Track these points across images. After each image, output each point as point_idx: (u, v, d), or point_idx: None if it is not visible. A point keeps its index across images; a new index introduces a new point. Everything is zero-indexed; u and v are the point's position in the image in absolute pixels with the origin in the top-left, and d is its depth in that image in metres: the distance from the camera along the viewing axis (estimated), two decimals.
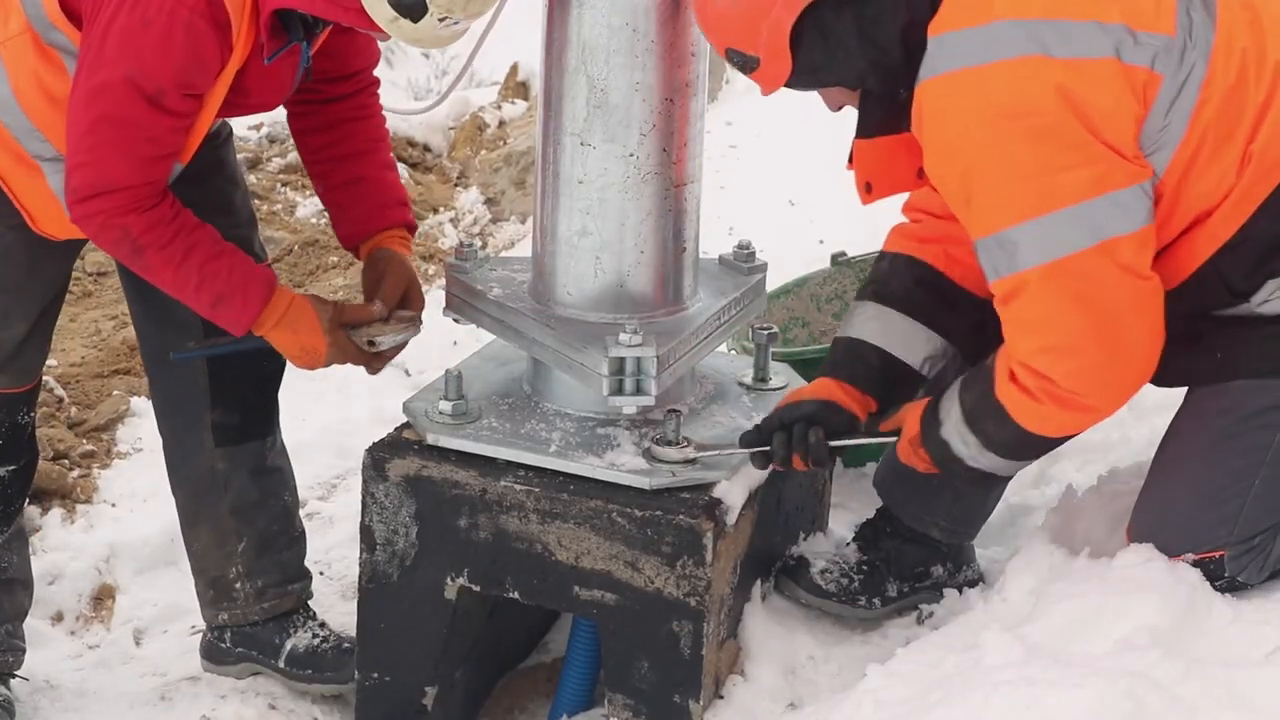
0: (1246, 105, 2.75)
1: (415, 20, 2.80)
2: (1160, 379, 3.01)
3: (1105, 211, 2.70)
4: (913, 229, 3.18)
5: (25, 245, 3.12)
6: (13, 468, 3.31)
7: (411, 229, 3.40)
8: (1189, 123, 2.73)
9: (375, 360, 3.23)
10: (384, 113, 3.43)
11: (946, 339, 3.12)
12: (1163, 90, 2.71)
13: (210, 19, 2.86)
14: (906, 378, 3.11)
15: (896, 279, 3.14)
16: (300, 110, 3.34)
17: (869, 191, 2.99)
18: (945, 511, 3.33)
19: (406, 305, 3.27)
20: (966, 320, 3.08)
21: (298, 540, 3.57)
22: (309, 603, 3.59)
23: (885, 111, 2.88)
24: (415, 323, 3.24)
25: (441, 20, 2.80)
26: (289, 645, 3.51)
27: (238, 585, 3.49)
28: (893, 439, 3.09)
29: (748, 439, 3.07)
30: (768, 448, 3.03)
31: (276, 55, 2.98)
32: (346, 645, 3.47)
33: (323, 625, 3.55)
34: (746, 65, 2.84)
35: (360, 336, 3.19)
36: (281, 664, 3.51)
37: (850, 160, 2.97)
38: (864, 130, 2.93)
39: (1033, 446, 2.92)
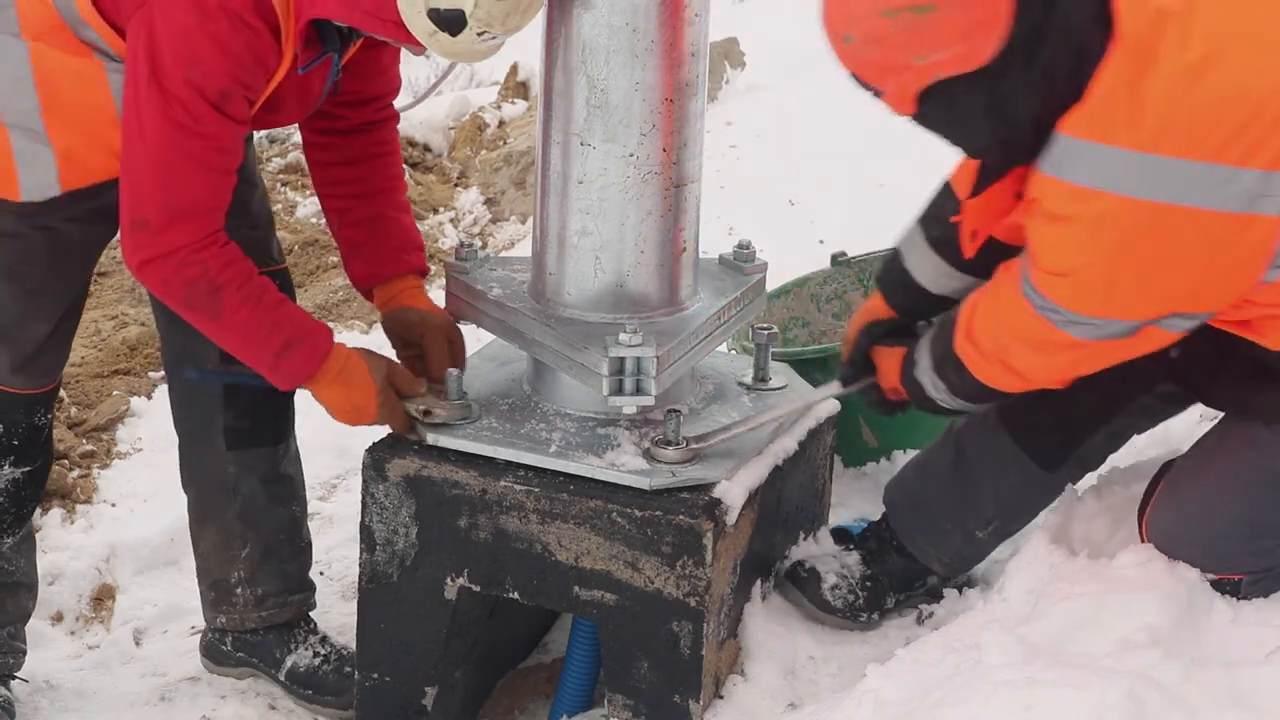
0: None
1: (454, 34, 2.77)
2: (1213, 400, 3.01)
3: (1166, 321, 2.71)
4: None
5: (47, 245, 3.11)
6: (28, 469, 3.30)
7: (425, 274, 3.37)
8: None
9: (410, 425, 3.16)
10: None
11: None
12: None
13: (262, 18, 2.83)
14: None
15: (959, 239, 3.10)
16: (321, 141, 3.31)
17: (973, 239, 3.03)
18: (953, 553, 3.34)
19: (453, 360, 3.25)
20: None
21: (303, 551, 3.55)
22: (310, 615, 3.58)
23: (999, 172, 2.86)
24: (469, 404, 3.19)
25: (480, 35, 2.78)
26: (289, 661, 3.50)
27: (238, 590, 3.49)
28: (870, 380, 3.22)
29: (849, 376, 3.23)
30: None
31: (311, 65, 2.95)
32: (348, 669, 3.45)
33: (324, 641, 3.54)
34: (869, 89, 2.74)
35: (415, 406, 3.14)
36: (282, 677, 3.51)
37: (957, 214, 3.00)
38: (978, 190, 2.93)
39: (993, 396, 2.98)
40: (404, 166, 3.43)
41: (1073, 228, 2.65)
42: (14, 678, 3.47)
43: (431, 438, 3.12)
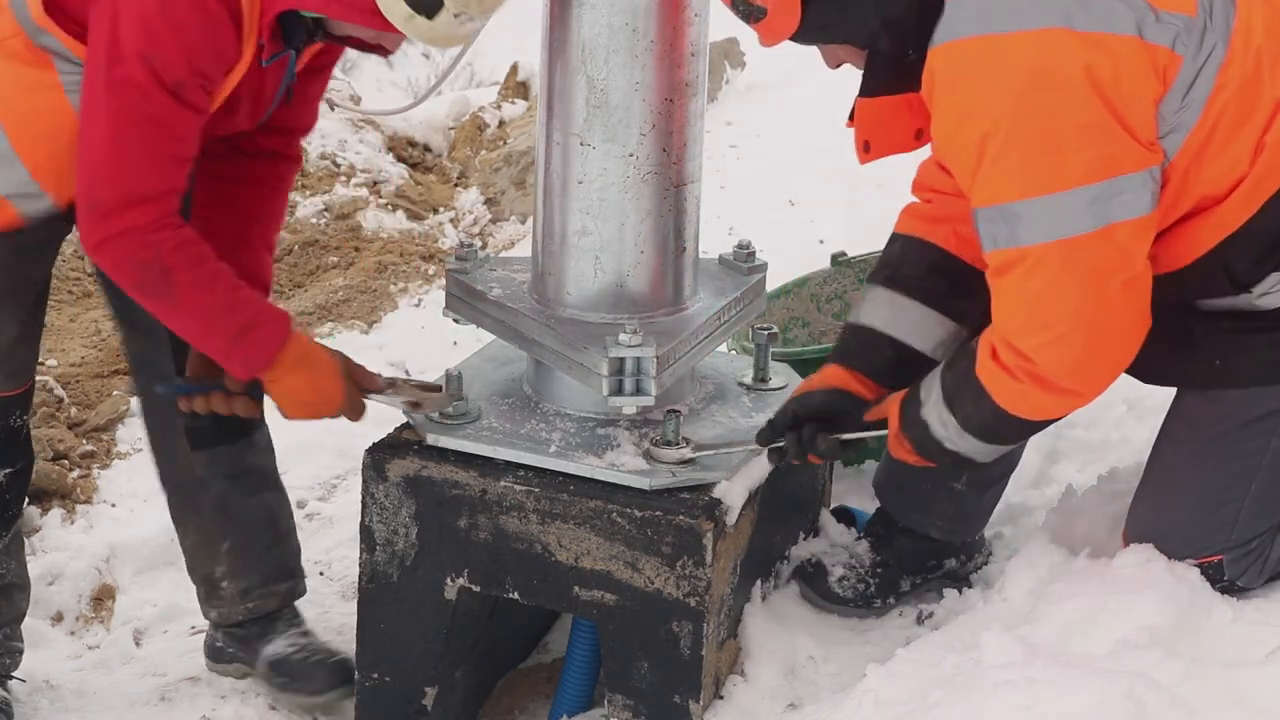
0: (1262, 96, 2.71)
1: (431, 17, 2.76)
2: (1150, 376, 2.99)
3: (1113, 195, 2.65)
4: (923, 209, 3.13)
5: (8, 244, 3.09)
6: (9, 471, 3.28)
7: None
8: (1204, 107, 2.69)
9: (363, 412, 3.18)
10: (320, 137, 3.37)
11: (959, 322, 3.06)
12: (1182, 73, 2.67)
13: (225, 7, 2.82)
14: (920, 364, 3.04)
15: (909, 264, 3.09)
16: (219, 151, 3.22)
17: (867, 151, 2.93)
18: (941, 512, 3.34)
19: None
20: (980, 302, 2.92)
21: (284, 540, 3.52)
22: (298, 605, 3.56)
23: (891, 71, 2.81)
24: (448, 397, 3.16)
25: (457, 16, 2.77)
26: (265, 651, 3.48)
27: (224, 584, 3.48)
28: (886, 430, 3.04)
29: (763, 437, 3.04)
30: (781, 444, 3.01)
31: (276, 58, 2.94)
32: (317, 658, 3.43)
33: (305, 634, 3.51)
34: (750, 15, 2.78)
35: (401, 400, 3.16)
36: (261, 668, 3.50)
37: (850, 118, 2.91)
38: (867, 89, 2.87)
39: (1009, 428, 2.85)
40: (285, 215, 3.38)
41: (977, 80, 2.65)
42: (11, 678, 3.46)
43: (432, 438, 3.12)
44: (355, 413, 3.16)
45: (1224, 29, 2.69)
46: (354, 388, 3.13)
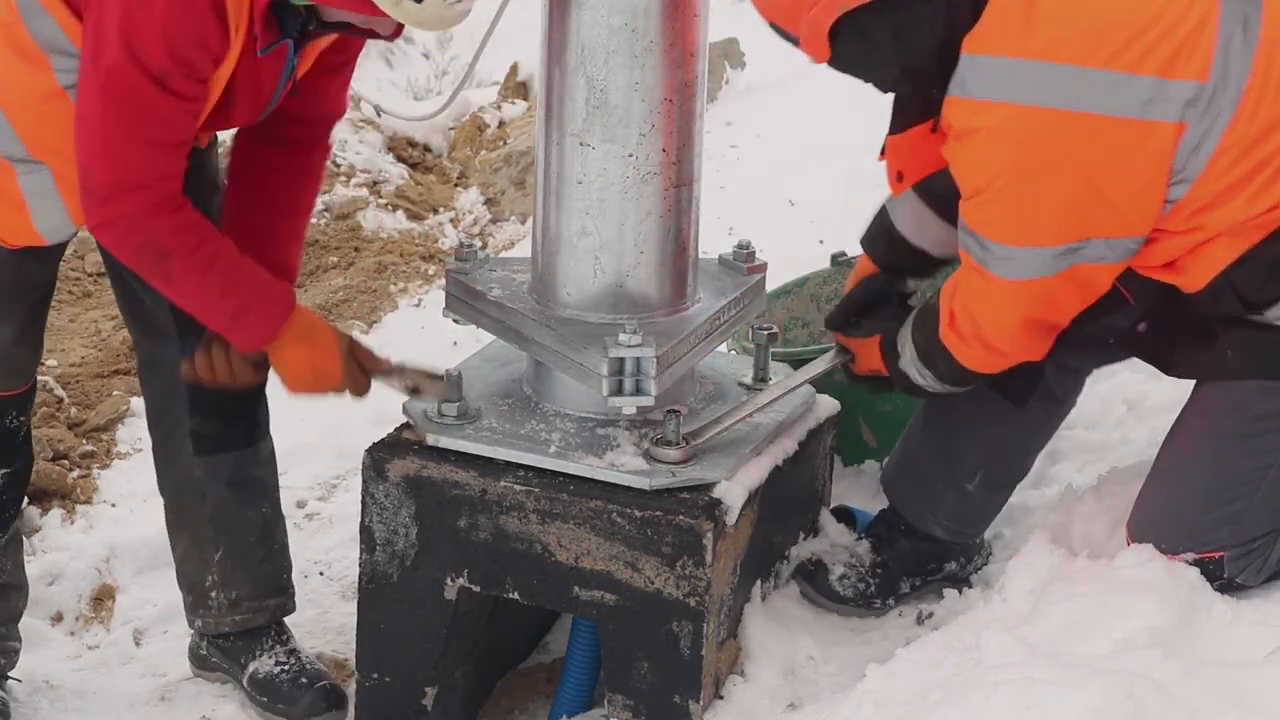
0: (1275, 149, 2.76)
1: (419, 0, 2.76)
2: (1172, 369, 3.06)
3: (1088, 250, 2.81)
4: None
5: (8, 249, 3.08)
6: (5, 472, 3.28)
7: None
8: (1207, 165, 2.75)
9: (367, 388, 3.21)
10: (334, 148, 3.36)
11: None
12: (1185, 138, 2.73)
13: (210, 3, 2.80)
14: (929, 259, 3.31)
15: (941, 178, 3.15)
16: (249, 140, 3.24)
17: (900, 180, 3.14)
18: (950, 512, 3.35)
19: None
20: None
21: (276, 555, 3.49)
22: (285, 621, 3.54)
23: (916, 107, 2.94)
24: (449, 387, 3.19)
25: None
26: (252, 667, 3.47)
27: (213, 594, 3.46)
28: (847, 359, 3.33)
29: (835, 323, 3.35)
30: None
31: (271, 48, 2.91)
32: (304, 680, 3.42)
33: (291, 652, 3.48)
34: (788, 39, 2.91)
35: (404, 383, 3.18)
36: (245, 683, 3.49)
37: (882, 153, 3.11)
38: (895, 127, 3.03)
39: (976, 379, 3.08)
40: (319, 198, 3.35)
41: (978, 140, 2.77)
42: (8, 678, 3.46)
43: (432, 438, 3.12)
44: (357, 389, 3.18)
45: (1236, 91, 2.72)
46: (356, 366, 3.15)
